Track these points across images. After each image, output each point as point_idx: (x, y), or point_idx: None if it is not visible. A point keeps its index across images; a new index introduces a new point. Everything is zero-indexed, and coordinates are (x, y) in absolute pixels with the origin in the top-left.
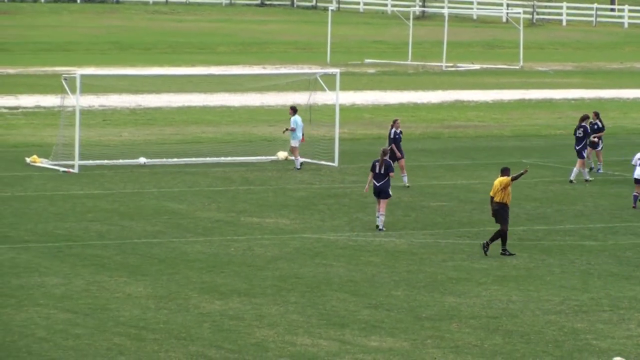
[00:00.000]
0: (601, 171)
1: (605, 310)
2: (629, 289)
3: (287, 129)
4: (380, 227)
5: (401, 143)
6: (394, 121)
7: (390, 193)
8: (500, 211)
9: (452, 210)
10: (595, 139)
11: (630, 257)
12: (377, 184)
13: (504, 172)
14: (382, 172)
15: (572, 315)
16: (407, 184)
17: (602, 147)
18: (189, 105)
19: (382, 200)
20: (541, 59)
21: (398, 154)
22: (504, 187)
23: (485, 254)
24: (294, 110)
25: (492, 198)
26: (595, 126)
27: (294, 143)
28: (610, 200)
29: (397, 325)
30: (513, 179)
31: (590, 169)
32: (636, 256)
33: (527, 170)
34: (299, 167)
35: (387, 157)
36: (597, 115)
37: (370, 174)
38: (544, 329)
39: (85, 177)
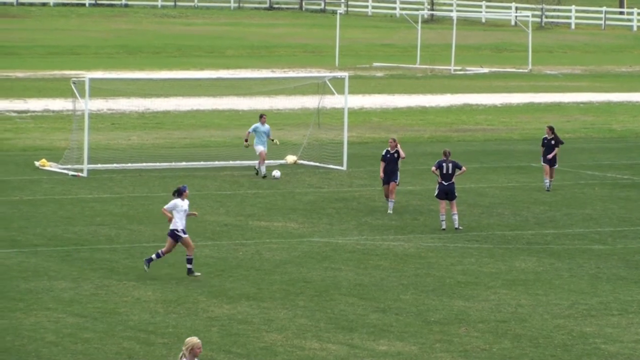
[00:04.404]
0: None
1: (614, 314)
2: (638, 293)
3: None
4: (456, 225)
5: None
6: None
7: (456, 193)
8: None
9: (461, 214)
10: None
11: (639, 261)
12: (446, 184)
13: None
14: (450, 172)
15: (580, 319)
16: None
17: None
18: (198, 109)
19: (452, 202)
20: (550, 62)
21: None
22: None
23: None
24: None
25: None
26: (553, 141)
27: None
28: (619, 204)
29: (406, 329)
30: None
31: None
32: None
33: None
34: (265, 173)
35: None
36: (552, 130)
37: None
38: (553, 333)
39: (94, 181)
